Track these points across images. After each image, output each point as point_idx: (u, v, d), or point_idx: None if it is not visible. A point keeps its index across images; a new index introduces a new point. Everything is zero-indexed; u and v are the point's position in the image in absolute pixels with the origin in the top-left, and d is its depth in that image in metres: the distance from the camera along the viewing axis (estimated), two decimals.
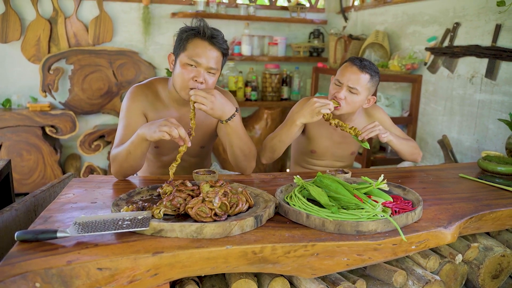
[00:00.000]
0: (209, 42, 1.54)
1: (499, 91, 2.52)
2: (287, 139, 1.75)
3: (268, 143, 1.82)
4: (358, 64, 1.79)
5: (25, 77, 3.66)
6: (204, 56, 1.52)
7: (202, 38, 1.53)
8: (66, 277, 0.91)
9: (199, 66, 1.53)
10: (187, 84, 1.54)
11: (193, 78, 1.53)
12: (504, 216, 1.41)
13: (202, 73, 1.53)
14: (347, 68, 1.81)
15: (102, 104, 3.80)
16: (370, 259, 1.13)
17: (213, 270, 1.04)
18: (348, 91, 1.79)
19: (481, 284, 1.42)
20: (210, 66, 1.54)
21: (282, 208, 1.26)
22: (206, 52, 1.53)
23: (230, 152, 1.65)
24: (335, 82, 1.83)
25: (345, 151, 2.04)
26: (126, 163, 1.51)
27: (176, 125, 1.37)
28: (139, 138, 1.44)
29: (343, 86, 1.79)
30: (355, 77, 1.77)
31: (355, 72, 1.78)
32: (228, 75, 4.00)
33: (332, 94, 1.83)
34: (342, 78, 1.80)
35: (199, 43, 1.53)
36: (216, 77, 1.60)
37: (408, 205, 1.31)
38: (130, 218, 1.09)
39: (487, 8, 2.59)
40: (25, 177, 3.55)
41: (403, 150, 1.89)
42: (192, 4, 3.91)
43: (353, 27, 4.03)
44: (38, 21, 3.55)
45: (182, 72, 1.54)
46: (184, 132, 1.38)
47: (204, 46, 1.53)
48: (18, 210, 1.42)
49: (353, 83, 1.77)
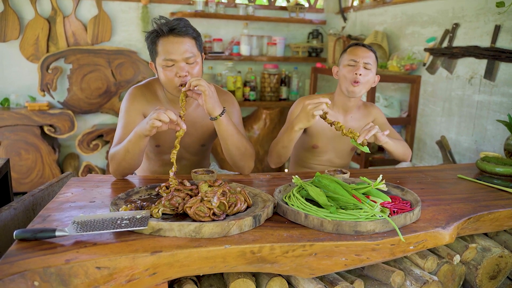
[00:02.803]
0: (173, 35, 1.54)
1: (498, 92, 2.53)
2: (290, 144, 1.77)
3: (273, 149, 1.85)
4: (362, 45, 1.92)
5: (24, 76, 3.66)
6: (174, 51, 1.53)
7: (164, 36, 1.54)
8: (64, 276, 0.91)
9: (176, 62, 1.54)
10: (174, 84, 1.56)
11: (176, 75, 1.55)
12: (502, 217, 1.41)
13: (182, 66, 1.54)
14: (356, 49, 1.91)
15: (101, 103, 3.80)
16: (368, 259, 1.13)
17: (211, 269, 1.04)
18: (363, 68, 1.87)
19: (479, 284, 1.42)
20: (186, 56, 1.54)
21: (281, 208, 1.26)
22: (175, 46, 1.53)
23: (225, 150, 1.66)
24: (349, 62, 1.88)
25: (346, 145, 2.05)
26: (124, 161, 1.51)
27: (163, 110, 1.37)
28: (136, 136, 1.45)
29: (358, 63, 1.87)
30: (367, 54, 1.88)
31: (364, 50, 1.90)
32: (227, 75, 4.00)
33: (351, 75, 1.86)
34: (356, 57, 1.88)
35: (165, 41, 1.54)
36: (199, 64, 1.60)
37: (407, 205, 1.31)
38: (129, 217, 1.09)
39: (486, 9, 2.59)
40: (24, 176, 3.55)
41: (397, 151, 1.91)
42: (191, 4, 3.91)
43: (352, 27, 4.04)
44: (37, 20, 3.54)
45: (165, 73, 1.56)
46: (173, 115, 1.38)
47: (170, 41, 1.54)
48: (17, 209, 1.42)
49: (367, 60, 1.87)
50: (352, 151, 2.11)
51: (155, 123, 1.36)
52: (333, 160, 2.09)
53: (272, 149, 1.86)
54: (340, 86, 1.93)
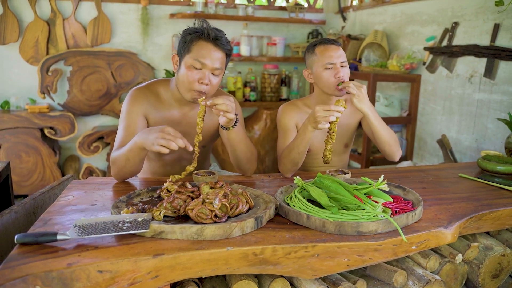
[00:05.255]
0: (213, 44, 1.55)
1: (498, 91, 2.53)
2: (305, 148, 1.68)
3: (286, 158, 1.73)
4: (330, 42, 1.83)
5: (24, 79, 3.66)
6: (209, 58, 1.54)
7: (206, 40, 1.55)
8: (66, 280, 0.91)
9: (204, 68, 1.55)
10: (192, 86, 1.56)
11: (199, 81, 1.55)
12: (504, 215, 1.41)
13: (207, 74, 1.55)
14: (329, 49, 1.81)
15: (101, 105, 3.80)
16: (370, 260, 1.13)
17: (213, 271, 1.04)
18: (341, 68, 1.80)
19: (481, 283, 1.42)
20: (215, 67, 1.55)
21: (283, 209, 1.26)
22: (211, 53, 1.54)
23: (233, 156, 1.66)
24: (326, 66, 1.80)
25: (339, 142, 1.98)
26: (125, 168, 1.52)
27: (173, 137, 1.34)
28: (137, 147, 1.43)
29: (336, 65, 1.79)
30: (340, 53, 1.81)
31: (336, 49, 1.82)
32: (227, 75, 4.00)
33: (334, 79, 1.79)
34: (331, 59, 1.79)
35: (203, 45, 1.55)
36: (220, 77, 1.61)
37: (408, 205, 1.31)
38: (130, 220, 1.09)
39: (485, 7, 2.59)
40: (24, 179, 3.55)
41: (381, 134, 1.78)
42: (190, 5, 3.91)
43: (351, 27, 4.04)
44: (36, 22, 3.54)
45: (188, 74, 1.55)
46: (182, 142, 1.34)
47: (209, 47, 1.55)
48: (18, 212, 1.42)
49: (341, 58, 1.81)
50: (346, 148, 2.05)
51: (162, 150, 1.33)
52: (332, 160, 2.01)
53: (283, 160, 1.75)
54: (321, 88, 1.86)
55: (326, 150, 1.61)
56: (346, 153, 2.08)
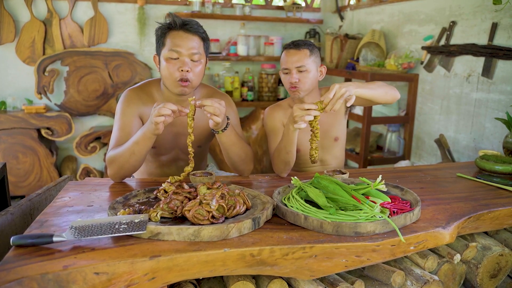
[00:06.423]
0: (183, 30, 1.58)
1: (496, 90, 2.53)
2: (292, 147, 1.67)
3: (277, 159, 1.74)
4: (293, 46, 1.85)
5: (20, 79, 3.64)
6: (182, 45, 1.56)
7: (176, 29, 1.58)
8: (62, 282, 0.90)
9: (181, 56, 1.56)
10: (174, 77, 1.57)
11: (179, 69, 1.56)
12: (502, 215, 1.41)
13: (186, 61, 1.56)
14: (286, 55, 1.86)
15: (98, 105, 3.78)
16: (368, 260, 1.12)
17: (211, 273, 1.03)
18: (298, 73, 1.83)
19: (480, 283, 1.42)
20: (192, 52, 1.57)
21: (280, 210, 1.25)
22: (183, 40, 1.56)
23: (226, 158, 1.65)
24: (282, 71, 1.87)
25: (327, 137, 1.97)
26: (128, 163, 1.51)
27: (162, 104, 1.36)
28: (144, 137, 1.45)
29: (291, 70, 1.84)
30: (297, 58, 1.83)
31: (294, 53, 1.84)
32: (224, 75, 4.00)
33: (287, 83, 1.86)
34: (286, 64, 1.85)
35: (174, 34, 1.58)
36: (202, 64, 1.62)
37: (406, 205, 1.30)
38: (127, 222, 1.08)
39: (483, 6, 2.59)
40: (21, 180, 3.53)
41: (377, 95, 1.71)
42: (187, 5, 3.90)
43: (349, 26, 4.03)
44: (33, 22, 3.53)
45: (167, 66, 1.57)
46: (173, 105, 1.36)
47: (180, 35, 1.57)
48: (14, 214, 1.41)
49: (297, 63, 1.82)
50: (338, 142, 2.01)
51: (158, 119, 1.35)
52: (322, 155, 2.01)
53: (275, 159, 1.76)
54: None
55: (312, 149, 1.58)
56: (339, 148, 2.03)
